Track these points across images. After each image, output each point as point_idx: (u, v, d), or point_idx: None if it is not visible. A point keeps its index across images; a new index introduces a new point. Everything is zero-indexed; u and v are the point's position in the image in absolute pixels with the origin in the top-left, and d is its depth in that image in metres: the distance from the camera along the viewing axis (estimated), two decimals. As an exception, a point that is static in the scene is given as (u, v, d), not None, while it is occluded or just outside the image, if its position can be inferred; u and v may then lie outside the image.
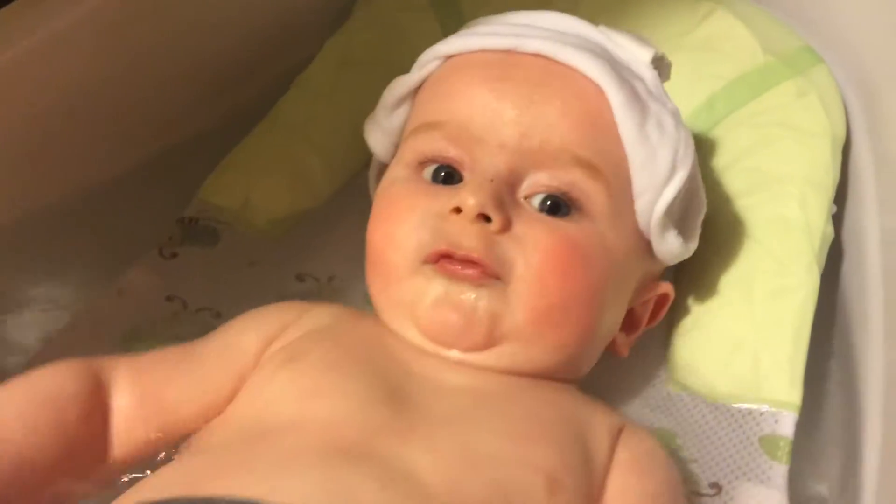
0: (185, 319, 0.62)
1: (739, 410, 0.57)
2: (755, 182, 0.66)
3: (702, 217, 0.59)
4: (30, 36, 0.62)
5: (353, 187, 0.70)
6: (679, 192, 0.54)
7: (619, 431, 0.50)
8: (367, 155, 0.64)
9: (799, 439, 0.55)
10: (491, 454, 0.44)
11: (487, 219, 0.49)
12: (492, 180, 0.50)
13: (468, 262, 0.49)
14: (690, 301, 0.62)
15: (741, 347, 0.59)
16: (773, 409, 0.56)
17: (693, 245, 0.58)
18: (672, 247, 0.56)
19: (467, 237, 0.49)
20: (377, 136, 0.60)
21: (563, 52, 0.53)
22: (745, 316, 0.60)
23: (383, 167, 0.60)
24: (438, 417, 0.46)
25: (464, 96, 0.53)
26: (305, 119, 0.73)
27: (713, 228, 0.65)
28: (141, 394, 0.50)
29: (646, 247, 0.55)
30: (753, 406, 0.57)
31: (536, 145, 0.51)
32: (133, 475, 0.49)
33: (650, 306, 0.58)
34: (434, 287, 0.49)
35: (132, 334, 0.61)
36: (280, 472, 0.40)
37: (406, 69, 0.59)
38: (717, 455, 0.56)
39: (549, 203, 0.51)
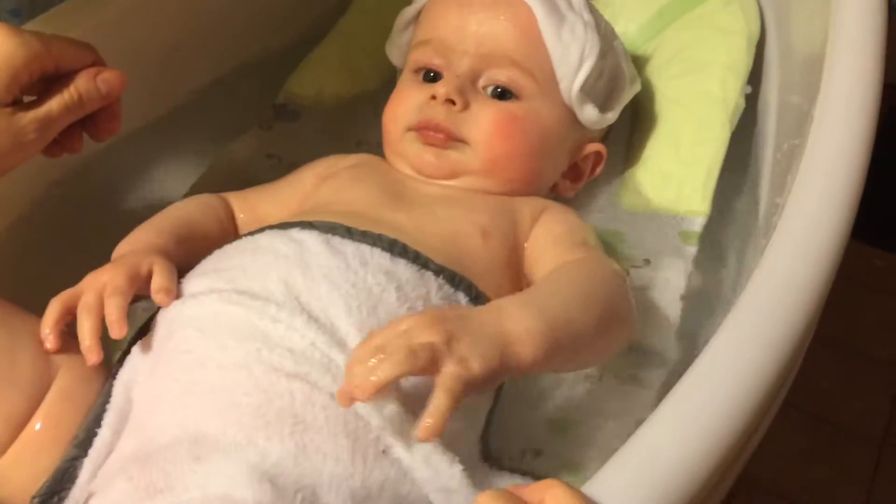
0: (281, 169, 0.88)
1: (667, 217, 0.81)
2: (689, 67, 0.89)
3: (623, 96, 0.81)
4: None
5: (394, 78, 0.95)
6: (589, 77, 0.75)
7: (542, 210, 0.73)
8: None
9: (712, 233, 0.80)
10: (447, 216, 0.69)
11: (454, 103, 0.72)
12: (458, 76, 0.73)
13: (438, 129, 0.72)
14: (637, 149, 0.87)
15: (671, 178, 0.83)
16: (690, 216, 0.81)
17: (612, 115, 0.79)
18: (590, 116, 0.77)
19: (437, 113, 0.72)
20: (393, 51, 0.85)
21: None
22: (675, 158, 0.84)
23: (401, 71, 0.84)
24: (417, 203, 0.70)
25: (442, 20, 0.76)
26: (359, 32, 0.99)
27: (658, 100, 0.89)
28: (247, 209, 0.75)
29: (573, 117, 0.77)
30: (677, 215, 0.81)
31: (487, 51, 0.73)
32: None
33: (590, 161, 0.80)
34: (415, 146, 0.74)
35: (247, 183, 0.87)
36: (319, 217, 0.65)
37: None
38: (650, 243, 0.80)
39: (498, 91, 0.73)
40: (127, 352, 0.62)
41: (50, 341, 0.58)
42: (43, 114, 0.59)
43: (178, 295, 0.61)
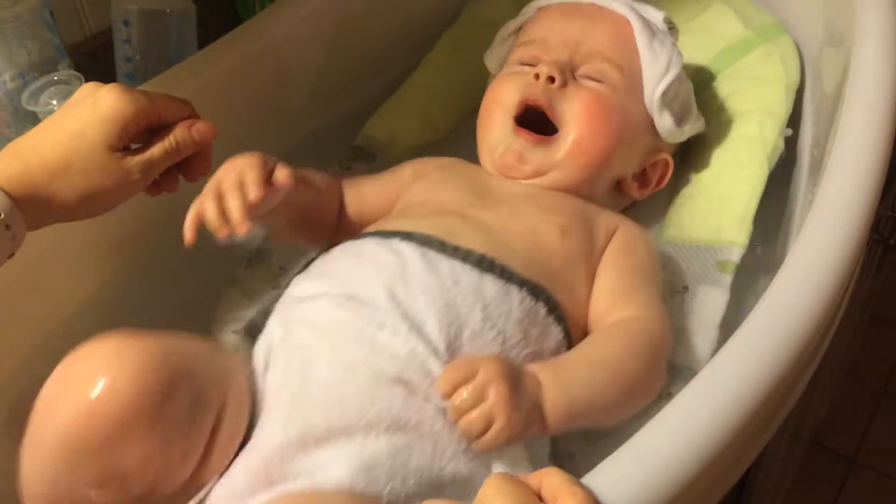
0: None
1: (707, 248, 0.87)
2: (732, 113, 0.96)
3: (692, 117, 0.89)
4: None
5: (459, 128, 1.05)
6: (671, 86, 0.84)
7: (617, 226, 0.80)
8: (466, 110, 0.98)
9: (748, 263, 0.85)
10: (528, 214, 0.77)
11: (553, 81, 0.80)
12: (556, 61, 0.82)
13: (537, 105, 0.80)
14: (682, 188, 0.93)
15: (711, 213, 0.89)
16: (728, 246, 0.86)
17: (684, 129, 0.88)
18: (667, 124, 0.85)
19: (536, 90, 0.80)
20: (492, 60, 0.95)
21: (607, 2, 0.87)
22: (715, 195, 0.90)
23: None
24: (502, 202, 0.79)
25: (546, 26, 0.87)
26: (430, 83, 1.09)
27: (703, 146, 0.95)
28: (355, 194, 0.84)
29: (651, 122, 0.85)
30: (716, 245, 0.86)
31: (585, 48, 0.83)
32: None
33: (658, 170, 0.88)
34: (507, 139, 0.82)
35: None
36: (415, 222, 0.74)
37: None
38: (689, 271, 0.85)
39: (594, 77, 0.83)
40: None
41: (190, 236, 0.67)
42: (146, 158, 0.70)
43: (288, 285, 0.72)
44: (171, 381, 0.56)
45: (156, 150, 0.71)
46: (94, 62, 1.06)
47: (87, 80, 0.73)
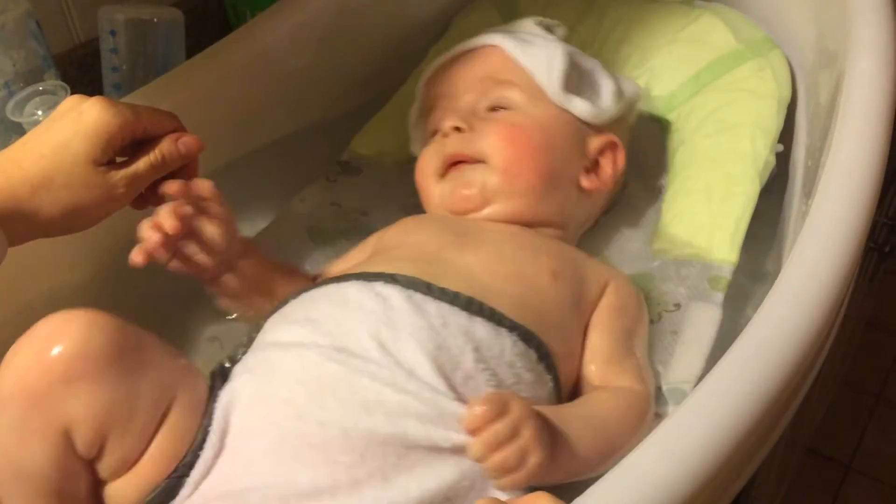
0: (342, 216, 0.97)
1: (698, 264, 0.86)
2: (722, 127, 0.95)
3: (611, 89, 0.88)
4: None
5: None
6: (565, 73, 0.85)
7: (608, 281, 0.78)
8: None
9: (740, 280, 0.85)
10: (514, 256, 0.76)
11: (460, 130, 0.82)
12: (457, 110, 0.84)
13: (455, 158, 0.82)
14: (673, 203, 0.92)
15: (702, 228, 0.88)
16: (719, 264, 0.85)
17: (607, 105, 0.87)
18: (582, 108, 0.85)
19: (451, 145, 0.83)
20: (414, 147, 0.94)
21: (474, 41, 0.90)
22: (706, 210, 0.90)
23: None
24: (482, 241, 0.77)
25: (435, 88, 0.89)
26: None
27: (692, 157, 0.95)
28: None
29: (572, 116, 0.85)
30: (707, 262, 0.86)
31: (477, 83, 0.86)
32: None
33: (608, 154, 0.87)
34: (447, 185, 0.83)
35: (312, 228, 0.96)
36: (396, 264, 0.73)
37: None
38: (680, 289, 0.85)
39: (496, 108, 0.84)
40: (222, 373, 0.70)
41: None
42: (132, 172, 0.69)
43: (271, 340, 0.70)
44: (119, 348, 0.60)
45: (141, 163, 0.70)
46: (83, 71, 1.05)
47: (74, 90, 0.73)
